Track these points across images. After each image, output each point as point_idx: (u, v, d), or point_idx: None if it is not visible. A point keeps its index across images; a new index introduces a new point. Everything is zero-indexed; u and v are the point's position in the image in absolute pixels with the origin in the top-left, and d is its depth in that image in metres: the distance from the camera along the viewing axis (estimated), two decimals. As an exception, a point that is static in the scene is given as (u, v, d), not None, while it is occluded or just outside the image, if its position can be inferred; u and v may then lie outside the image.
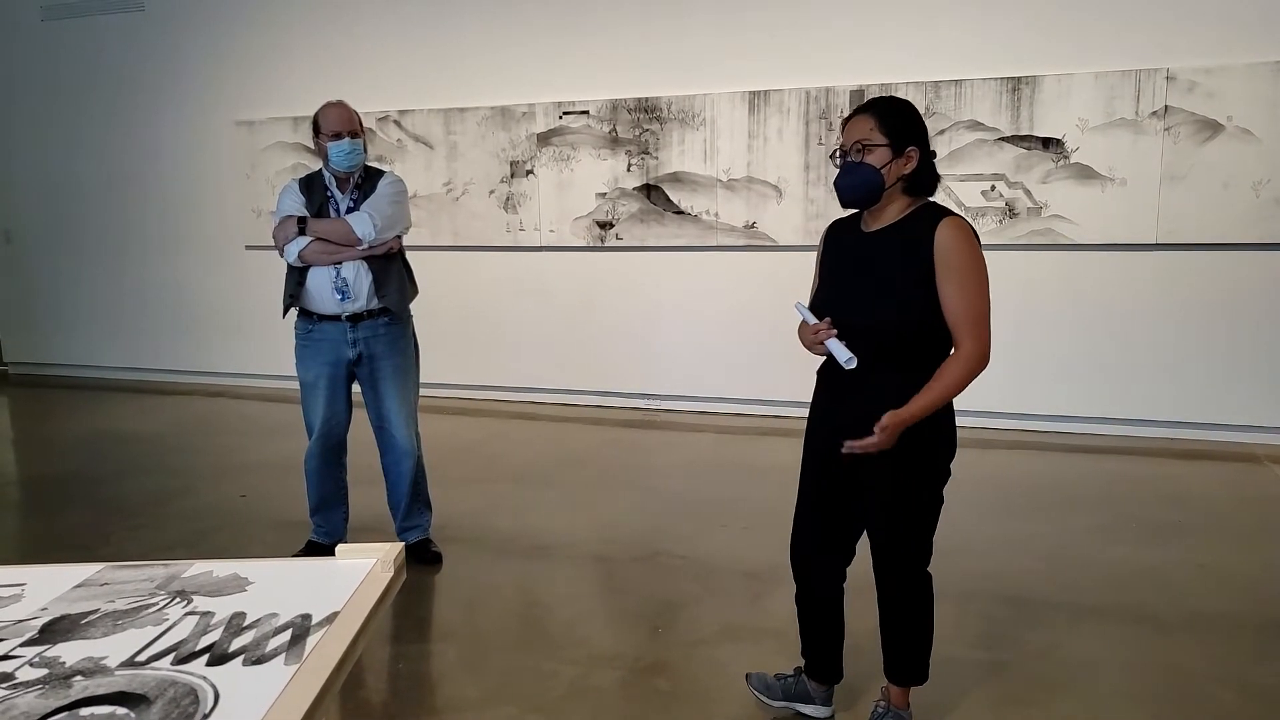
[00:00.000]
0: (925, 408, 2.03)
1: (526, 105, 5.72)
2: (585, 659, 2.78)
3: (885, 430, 2.03)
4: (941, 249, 2.02)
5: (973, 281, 2.03)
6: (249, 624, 1.09)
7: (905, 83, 4.98)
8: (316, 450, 3.39)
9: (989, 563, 3.40)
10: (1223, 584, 3.20)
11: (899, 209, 2.12)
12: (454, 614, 3.17)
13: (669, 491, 4.29)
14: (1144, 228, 4.74)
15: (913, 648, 2.29)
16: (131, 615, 1.13)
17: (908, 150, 2.08)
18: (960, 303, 2.03)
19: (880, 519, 2.21)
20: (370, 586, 1.19)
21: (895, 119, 2.09)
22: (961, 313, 2.03)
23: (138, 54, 6.57)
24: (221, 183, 6.55)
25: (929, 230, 2.04)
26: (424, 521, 3.52)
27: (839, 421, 2.17)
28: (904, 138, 2.08)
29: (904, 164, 2.08)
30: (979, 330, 2.04)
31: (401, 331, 3.36)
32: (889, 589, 2.25)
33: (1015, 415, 5.12)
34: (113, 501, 4.28)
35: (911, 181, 2.10)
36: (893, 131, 2.07)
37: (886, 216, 2.13)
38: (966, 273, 2.03)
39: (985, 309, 2.06)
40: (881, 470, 2.14)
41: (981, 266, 2.06)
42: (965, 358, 2.04)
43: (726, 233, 5.39)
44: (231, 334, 6.72)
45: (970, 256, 2.04)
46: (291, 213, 3.23)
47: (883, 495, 2.18)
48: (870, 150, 2.07)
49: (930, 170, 2.12)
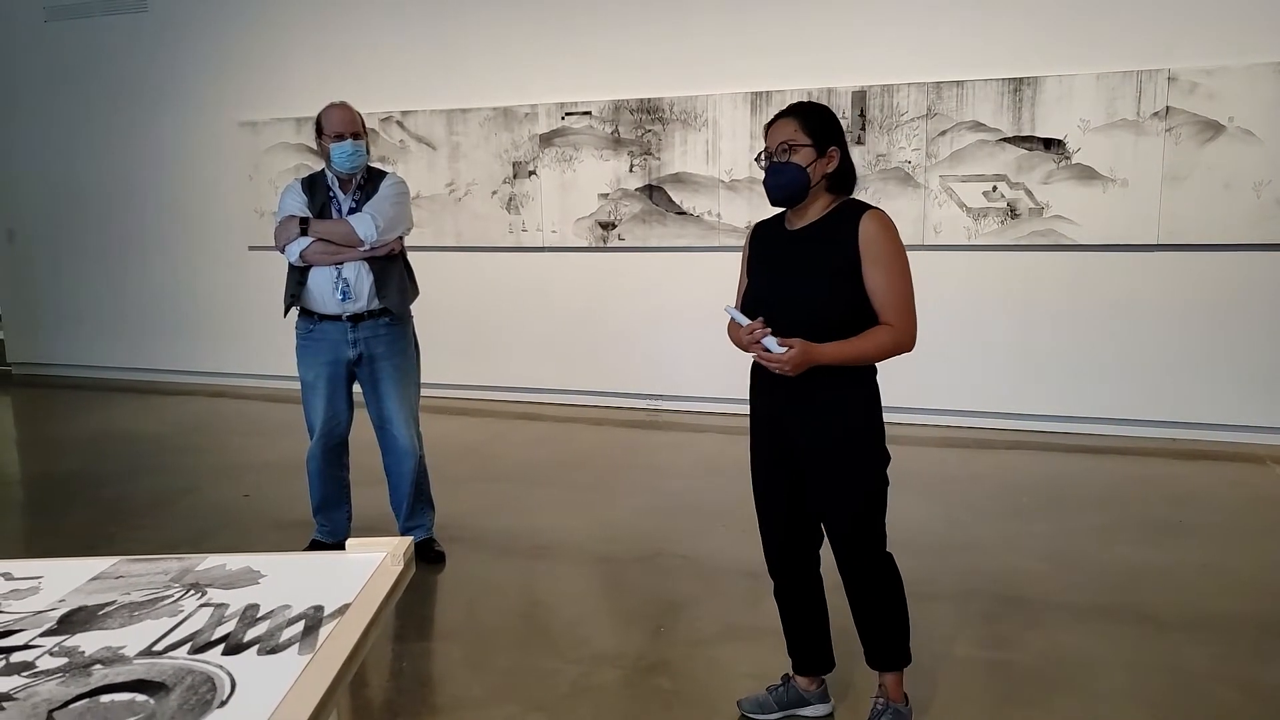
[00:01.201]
0: (839, 355, 2.12)
1: (529, 106, 5.73)
2: (587, 658, 2.79)
3: (794, 351, 2.08)
4: (866, 240, 2.14)
5: (897, 269, 2.16)
6: (263, 615, 1.11)
7: (907, 83, 5.00)
8: (318, 450, 3.41)
9: (989, 562, 3.41)
10: (1224, 584, 3.21)
11: (822, 206, 2.22)
12: (457, 613, 3.18)
13: (671, 492, 4.30)
14: (1145, 228, 4.75)
15: (888, 631, 2.32)
16: (148, 607, 1.14)
17: (829, 150, 2.19)
18: (887, 289, 2.14)
19: (834, 515, 2.26)
20: (381, 579, 1.21)
21: (816, 121, 2.20)
22: (889, 298, 2.14)
23: (140, 55, 6.59)
24: (224, 184, 6.56)
25: (853, 223, 2.16)
26: (427, 521, 3.53)
27: (778, 415, 2.26)
28: (825, 138, 2.19)
29: (826, 163, 2.19)
30: (905, 315, 2.16)
31: (402, 332, 3.38)
32: (855, 577, 2.30)
33: (1016, 415, 5.13)
34: (116, 501, 4.30)
35: (833, 180, 2.21)
36: (815, 133, 2.18)
37: (811, 214, 2.22)
38: (891, 261, 2.15)
39: (910, 294, 2.17)
40: (823, 462, 2.22)
41: (904, 255, 2.18)
42: (892, 330, 2.14)
43: (729, 233, 5.41)
44: (234, 334, 6.74)
45: (893, 246, 2.16)
46: (294, 213, 3.24)
47: (832, 495, 2.24)
48: (795, 150, 2.17)
49: (849, 169, 2.24)
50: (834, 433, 2.19)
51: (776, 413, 2.27)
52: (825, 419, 2.19)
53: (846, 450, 2.20)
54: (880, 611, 2.31)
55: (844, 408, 2.19)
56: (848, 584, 2.31)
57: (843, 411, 2.19)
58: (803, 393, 2.18)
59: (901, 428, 4.92)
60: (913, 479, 3.96)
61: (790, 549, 2.37)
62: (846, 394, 2.19)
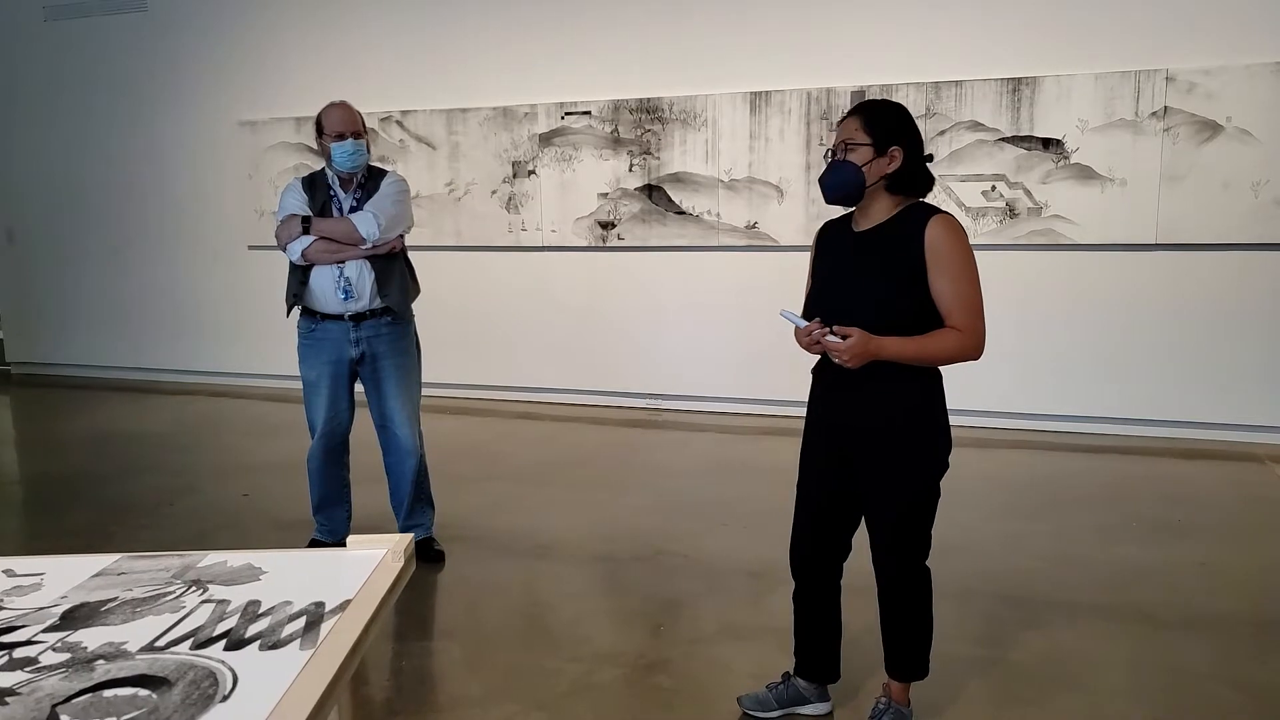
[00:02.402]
0: (903, 351, 2.07)
1: (528, 106, 5.74)
2: (588, 657, 2.79)
3: (853, 340, 2.04)
4: (933, 244, 2.08)
5: (965, 275, 2.09)
6: (264, 611, 1.11)
7: (906, 83, 5.00)
8: (319, 449, 3.41)
9: (990, 561, 3.41)
10: (1224, 583, 3.22)
11: (888, 208, 2.17)
12: (456, 612, 3.19)
13: (671, 490, 4.30)
14: (1144, 228, 4.75)
15: (913, 643, 2.31)
16: (149, 603, 1.15)
17: (891, 150, 2.13)
18: (954, 295, 2.08)
19: (880, 513, 2.23)
20: (381, 575, 1.21)
21: (880, 119, 2.15)
22: (956, 305, 2.08)
23: (140, 54, 6.58)
24: (224, 183, 6.56)
25: (919, 227, 2.10)
26: (426, 520, 3.53)
27: (839, 418, 2.22)
28: (888, 138, 2.13)
29: (887, 163, 2.13)
30: (974, 321, 2.09)
31: (404, 331, 3.38)
32: (889, 584, 2.28)
33: (1016, 415, 5.13)
34: (116, 501, 4.30)
35: (896, 180, 2.14)
36: (876, 131, 2.13)
37: (875, 215, 2.18)
38: (958, 267, 2.08)
39: (979, 301, 2.11)
40: (880, 463, 2.18)
41: (973, 261, 2.12)
42: (959, 334, 2.09)
43: (728, 233, 5.41)
44: (235, 334, 6.74)
45: (961, 251, 2.09)
46: (295, 211, 3.25)
47: (882, 489, 2.21)
48: (853, 149, 2.13)
49: (920, 170, 2.17)
50: (893, 428, 2.14)
51: (836, 417, 2.22)
52: (885, 416, 2.15)
53: (902, 445, 2.15)
54: (909, 623, 2.29)
55: (904, 405, 2.15)
56: (882, 591, 2.29)
57: (903, 410, 2.15)
58: (864, 396, 2.14)
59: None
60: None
61: (819, 555, 2.35)
62: (908, 394, 2.14)
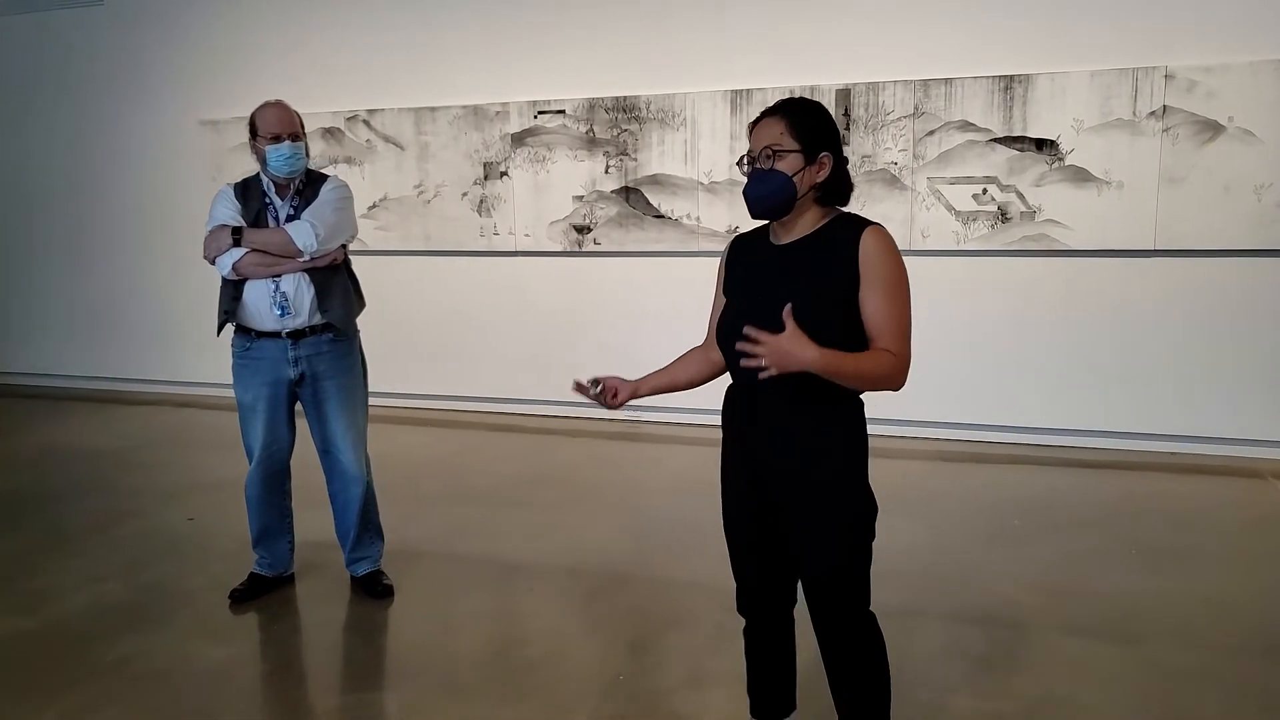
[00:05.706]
0: (831, 366, 1.79)
1: (500, 104, 5.50)
2: (544, 708, 2.56)
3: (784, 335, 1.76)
4: (868, 258, 1.88)
5: (899, 294, 1.90)
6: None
7: (893, 81, 4.79)
8: (257, 477, 3.17)
9: (978, 592, 3.20)
10: (1226, 614, 3.01)
11: (814, 219, 1.96)
12: (406, 655, 2.94)
13: (646, 511, 4.08)
14: (1142, 233, 4.55)
15: (867, 699, 2.07)
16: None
17: (820, 157, 1.92)
18: (885, 315, 1.88)
19: (810, 558, 1.99)
20: None
21: (808, 122, 1.92)
22: (887, 326, 1.88)
23: (96, 50, 6.34)
24: (186, 185, 6.29)
25: (852, 239, 1.90)
26: (374, 552, 3.29)
27: (754, 446, 2.01)
28: (817, 143, 1.92)
29: (817, 171, 1.93)
30: (904, 345, 1.89)
31: (347, 349, 3.14)
32: (830, 636, 2.04)
33: (1008, 429, 4.93)
34: (50, 526, 4.05)
35: (825, 190, 1.94)
36: (805, 136, 1.91)
37: (800, 227, 1.96)
38: (893, 285, 1.88)
39: (909, 323, 1.91)
40: (802, 499, 1.96)
41: (907, 280, 1.92)
42: (892, 357, 1.87)
43: (708, 238, 5.18)
44: (201, 342, 6.41)
45: (898, 268, 1.90)
46: (225, 221, 3.02)
47: (806, 526, 1.98)
48: (781, 156, 1.90)
49: (844, 177, 1.97)
50: (816, 467, 1.93)
51: (752, 443, 2.01)
52: (806, 448, 1.93)
53: (829, 489, 1.94)
54: (858, 677, 2.05)
55: (828, 440, 1.93)
56: (823, 644, 2.05)
57: (826, 444, 1.93)
58: (783, 420, 1.93)
59: (887, 441, 4.71)
60: (899, 496, 3.74)
61: (764, 590, 2.13)
62: (831, 425, 1.94)
